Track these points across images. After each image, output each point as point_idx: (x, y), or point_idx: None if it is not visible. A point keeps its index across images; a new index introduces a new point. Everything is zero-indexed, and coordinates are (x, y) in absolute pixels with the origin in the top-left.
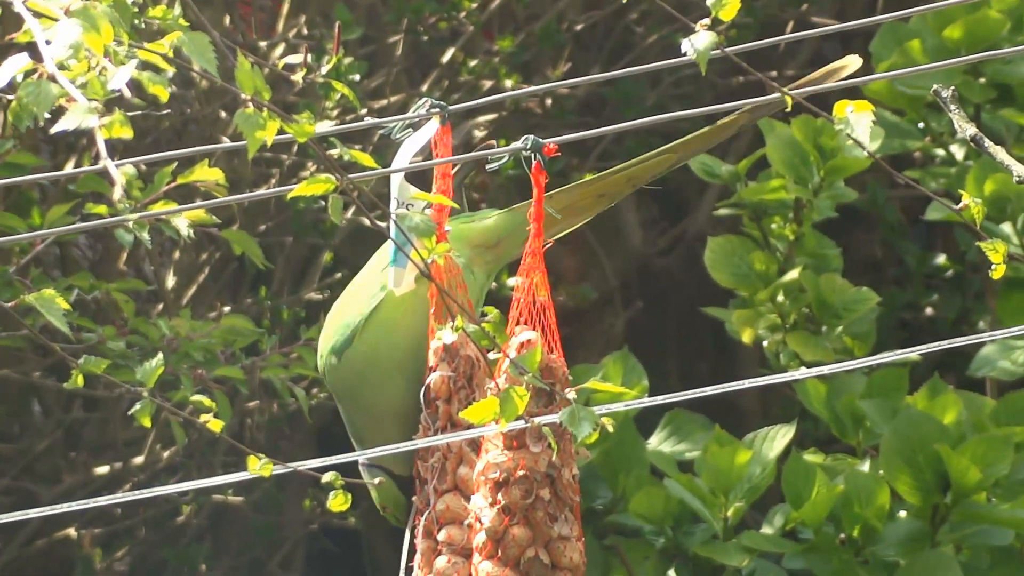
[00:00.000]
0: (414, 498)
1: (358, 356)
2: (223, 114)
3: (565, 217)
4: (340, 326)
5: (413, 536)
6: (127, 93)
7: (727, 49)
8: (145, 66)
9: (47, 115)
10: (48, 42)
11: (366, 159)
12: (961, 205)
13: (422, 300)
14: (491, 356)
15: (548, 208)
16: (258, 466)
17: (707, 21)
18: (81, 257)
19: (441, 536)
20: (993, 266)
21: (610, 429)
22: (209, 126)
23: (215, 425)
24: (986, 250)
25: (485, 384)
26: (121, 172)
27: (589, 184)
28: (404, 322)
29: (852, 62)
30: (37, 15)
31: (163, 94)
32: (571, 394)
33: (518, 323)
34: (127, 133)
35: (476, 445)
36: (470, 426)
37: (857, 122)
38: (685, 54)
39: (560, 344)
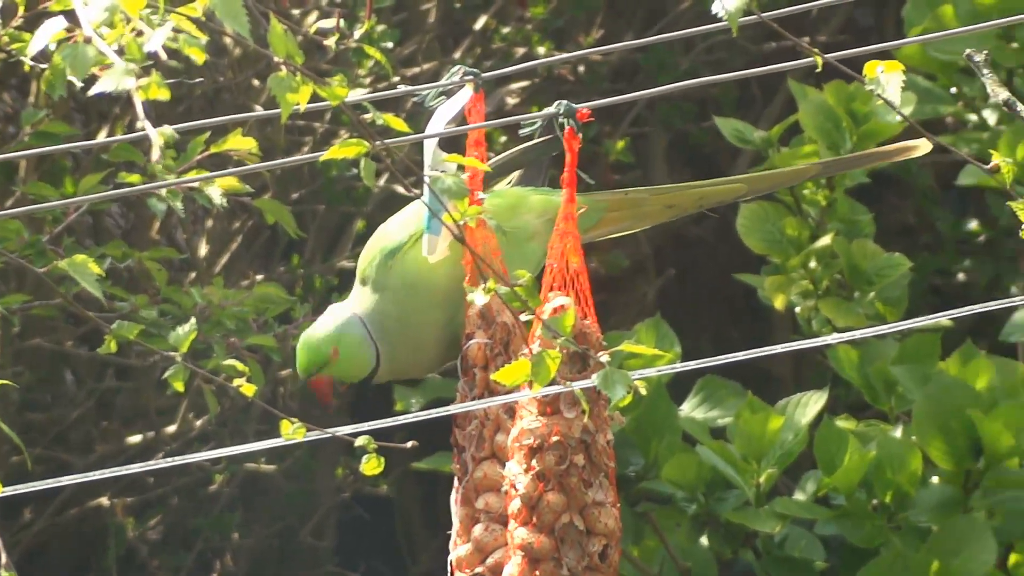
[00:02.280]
0: (454, 465)
1: (406, 268)
2: (256, 82)
3: (629, 219)
4: (393, 233)
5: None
6: (163, 55)
7: (760, 13)
8: (179, 30)
9: (80, 83)
10: (85, 4)
11: (399, 124)
12: (991, 165)
13: (456, 257)
14: (523, 318)
15: (582, 174)
16: (291, 430)
17: None
18: (114, 226)
19: (479, 504)
20: (1023, 225)
21: (643, 392)
22: (242, 94)
23: (248, 389)
24: (1017, 209)
25: (521, 351)
26: (159, 132)
27: (661, 192)
28: (441, 268)
29: (923, 146)
30: None
31: (199, 55)
32: (605, 357)
33: (551, 289)
34: (164, 95)
35: (513, 411)
36: (507, 393)
37: (888, 82)
38: (718, 18)
39: (594, 310)
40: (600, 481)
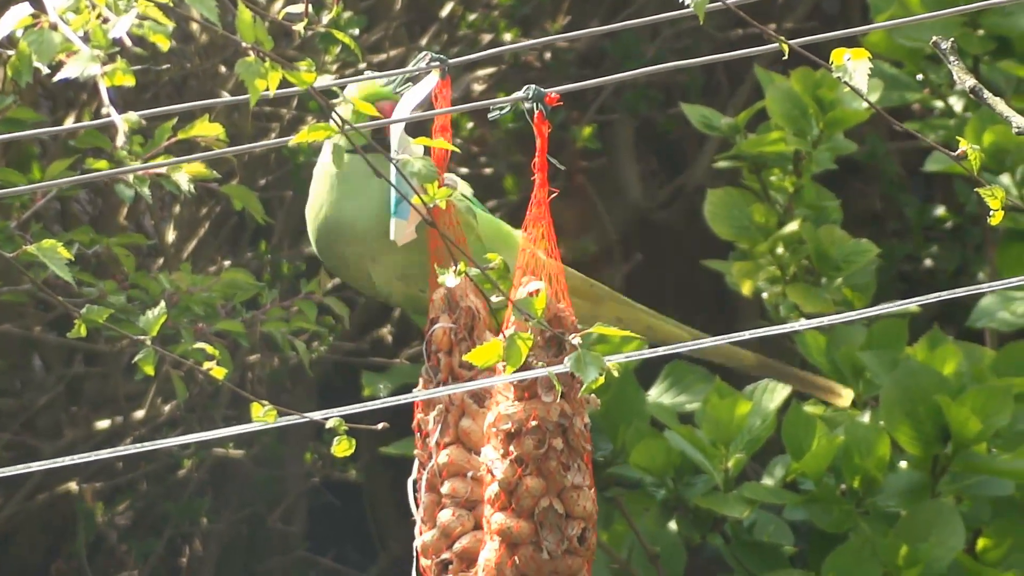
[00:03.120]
0: (416, 451)
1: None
2: (223, 69)
3: (583, 306)
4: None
5: (416, 490)
6: (128, 42)
7: (727, 1)
8: (145, 17)
9: (46, 69)
10: None
11: (368, 108)
12: (959, 152)
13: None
14: (495, 301)
15: (552, 159)
16: (262, 412)
17: None
18: (81, 212)
19: (445, 489)
20: (991, 212)
21: (615, 374)
22: (209, 81)
23: (218, 372)
24: (984, 196)
25: (486, 336)
26: (124, 119)
27: (619, 302)
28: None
29: (845, 397)
30: None
31: (164, 42)
32: (576, 339)
33: (524, 273)
34: (129, 81)
35: (478, 397)
36: (471, 378)
37: (855, 69)
38: (684, 4)
39: (567, 294)
40: (578, 464)
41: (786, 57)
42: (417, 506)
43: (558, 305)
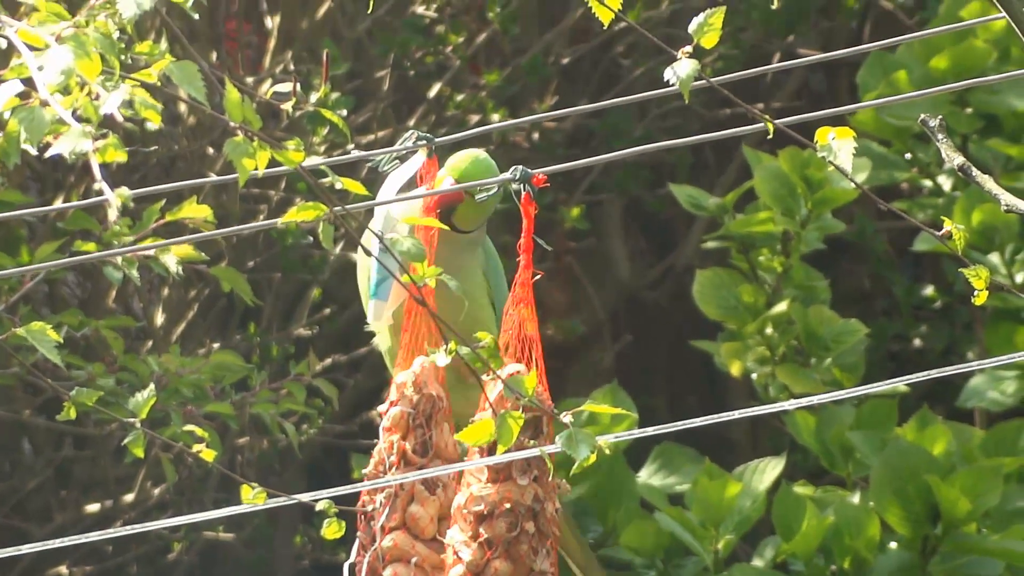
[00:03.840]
0: (358, 533)
1: None
2: (211, 150)
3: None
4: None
5: (354, 573)
6: (120, 117)
7: (712, 80)
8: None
9: (35, 150)
10: (40, 68)
11: (357, 187)
12: (943, 232)
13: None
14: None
15: (539, 240)
16: (251, 495)
17: (689, 49)
18: (70, 295)
19: (387, 573)
20: (976, 292)
21: (607, 452)
22: (197, 162)
23: (207, 455)
24: (969, 276)
25: (443, 426)
26: (116, 194)
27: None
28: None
29: None
30: (28, 46)
31: (155, 118)
32: (568, 418)
33: (505, 355)
34: (121, 157)
35: (429, 483)
36: (423, 465)
37: (839, 148)
38: (670, 83)
39: (546, 378)
40: (546, 550)
41: (771, 136)
42: None
43: (537, 387)
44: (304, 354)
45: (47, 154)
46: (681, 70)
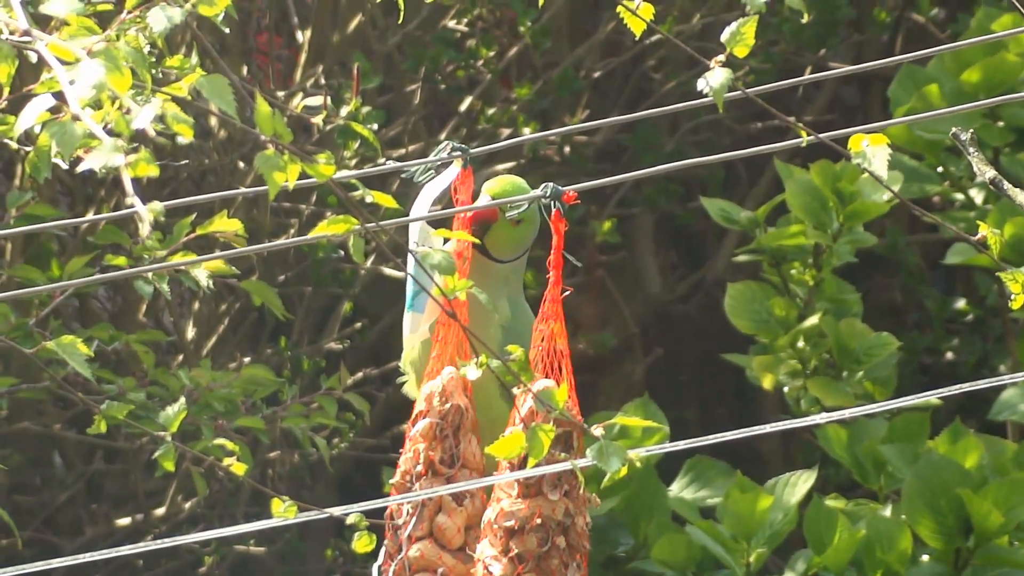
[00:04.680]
0: (385, 542)
1: None
2: (241, 164)
3: None
4: None
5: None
6: (151, 132)
7: (745, 90)
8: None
9: (65, 165)
10: (71, 82)
11: (388, 200)
12: (979, 237)
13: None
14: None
15: (568, 256)
16: (282, 508)
17: (722, 58)
18: (100, 309)
19: None
20: (1012, 296)
21: (638, 465)
22: (227, 176)
23: (238, 468)
24: (1006, 280)
25: (470, 436)
26: (148, 208)
27: None
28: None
29: None
30: (59, 60)
31: (187, 132)
32: (599, 431)
33: (535, 370)
34: (153, 171)
35: (457, 494)
36: (450, 476)
37: (874, 155)
38: (703, 95)
39: (575, 393)
40: (577, 563)
41: (804, 145)
42: None
43: (567, 402)
44: (335, 368)
45: (78, 169)
46: (714, 80)
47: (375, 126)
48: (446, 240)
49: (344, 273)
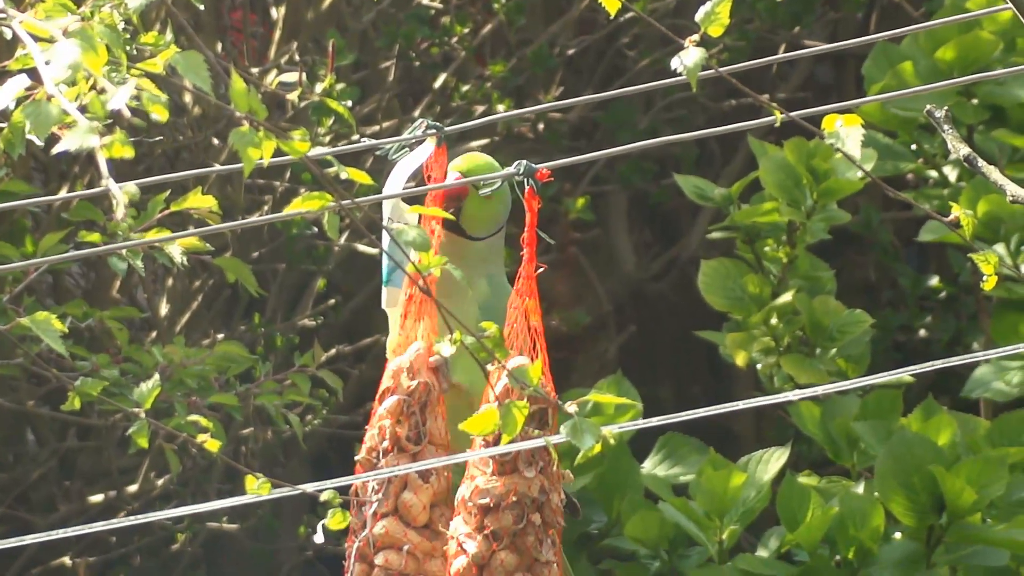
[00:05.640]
0: (349, 519)
1: None
2: (215, 141)
3: None
4: None
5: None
6: (127, 113)
7: (720, 69)
8: (141, 88)
9: (40, 142)
10: (47, 63)
11: (362, 177)
12: (951, 218)
13: None
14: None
15: (542, 233)
16: (256, 485)
17: (696, 37)
18: (74, 286)
19: (378, 560)
20: (985, 277)
21: (612, 442)
22: (201, 153)
23: (212, 445)
24: (978, 261)
25: (437, 413)
26: (123, 190)
27: None
28: None
29: None
30: (34, 38)
31: (163, 112)
32: (572, 407)
33: (510, 347)
34: (128, 153)
35: (424, 472)
36: (416, 452)
37: (847, 135)
38: (677, 73)
39: (550, 369)
40: (551, 540)
41: (778, 125)
42: (345, 574)
43: (541, 379)
44: (309, 345)
45: (54, 151)
46: (688, 59)
47: (349, 103)
48: (420, 218)
49: (318, 250)
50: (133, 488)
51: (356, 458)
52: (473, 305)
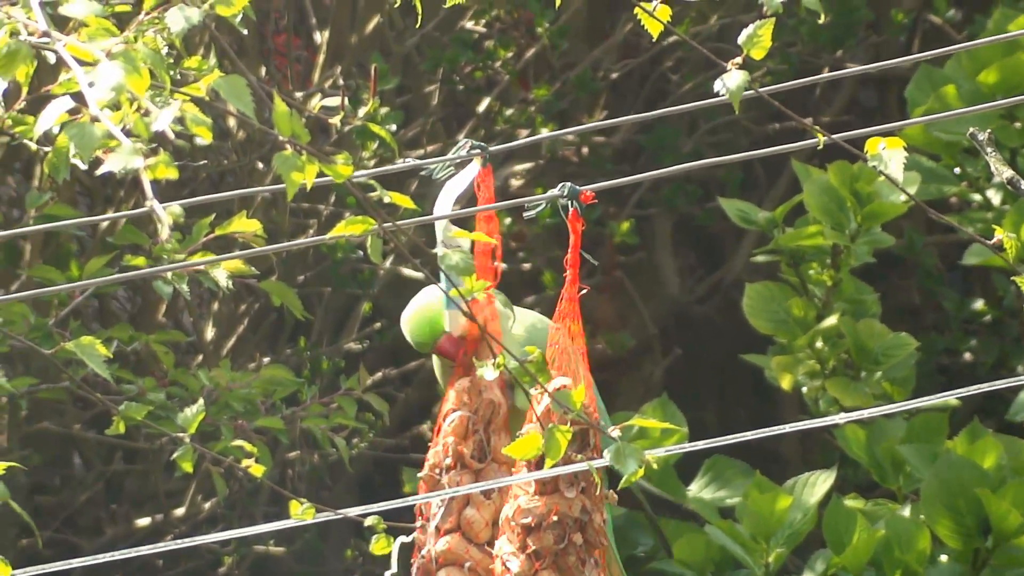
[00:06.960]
0: (415, 534)
1: None
2: (260, 165)
3: None
4: None
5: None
6: (171, 135)
7: (762, 90)
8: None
9: (84, 165)
10: (91, 84)
11: (405, 201)
12: (995, 241)
13: None
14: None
15: (586, 255)
16: (300, 510)
17: (739, 60)
18: (120, 309)
19: None
20: None
21: (654, 467)
22: (246, 177)
23: (257, 470)
24: (1022, 284)
25: (501, 432)
26: (167, 211)
27: None
28: None
29: None
30: (78, 61)
31: (206, 134)
32: (616, 432)
33: (553, 367)
34: (172, 174)
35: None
36: (480, 470)
37: (889, 158)
38: (720, 95)
39: (592, 390)
40: (595, 560)
41: (821, 147)
42: None
43: (584, 401)
44: (354, 368)
45: (98, 172)
46: (731, 81)
47: (393, 127)
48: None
49: (363, 273)
50: (180, 511)
51: (419, 475)
52: (519, 328)
